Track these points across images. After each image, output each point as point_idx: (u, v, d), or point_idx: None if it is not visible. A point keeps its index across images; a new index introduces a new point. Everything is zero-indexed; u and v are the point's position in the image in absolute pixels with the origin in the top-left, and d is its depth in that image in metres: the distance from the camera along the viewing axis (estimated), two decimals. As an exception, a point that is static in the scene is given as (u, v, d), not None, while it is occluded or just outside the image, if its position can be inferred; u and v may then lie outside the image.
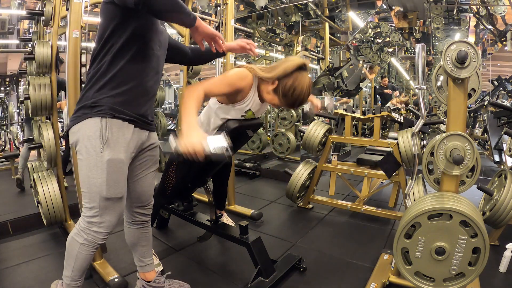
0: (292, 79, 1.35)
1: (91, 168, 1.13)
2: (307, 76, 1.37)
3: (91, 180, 1.13)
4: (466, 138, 1.28)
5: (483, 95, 4.33)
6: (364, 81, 5.35)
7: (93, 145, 1.11)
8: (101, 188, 1.13)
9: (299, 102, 1.38)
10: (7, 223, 2.30)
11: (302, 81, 1.35)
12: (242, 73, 1.38)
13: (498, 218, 1.81)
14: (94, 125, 1.11)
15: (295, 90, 1.34)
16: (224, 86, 1.33)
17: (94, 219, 1.17)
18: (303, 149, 2.88)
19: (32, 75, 2.21)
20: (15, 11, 5.56)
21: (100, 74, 1.12)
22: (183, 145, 1.02)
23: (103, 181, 1.13)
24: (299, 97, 1.36)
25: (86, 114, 1.12)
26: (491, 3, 3.86)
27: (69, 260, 1.24)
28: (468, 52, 1.22)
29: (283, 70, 1.35)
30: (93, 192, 1.14)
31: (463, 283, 1.24)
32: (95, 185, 1.13)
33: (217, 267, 1.91)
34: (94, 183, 1.13)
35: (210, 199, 1.90)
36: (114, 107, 1.12)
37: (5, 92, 9.28)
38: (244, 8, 5.13)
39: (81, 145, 1.13)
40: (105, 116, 1.11)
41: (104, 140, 1.11)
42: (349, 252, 2.04)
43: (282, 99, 1.38)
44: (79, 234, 1.20)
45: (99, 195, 1.14)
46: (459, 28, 4.25)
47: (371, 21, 4.90)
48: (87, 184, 1.15)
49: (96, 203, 1.15)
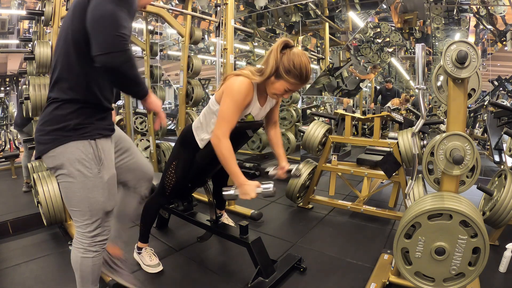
0: (285, 57, 1.35)
1: (90, 189, 1.13)
2: (296, 49, 1.38)
3: (92, 200, 1.14)
4: (466, 138, 1.28)
5: (483, 95, 4.33)
6: (364, 81, 5.35)
7: (88, 167, 1.11)
8: (104, 205, 1.16)
9: (305, 71, 1.36)
10: (7, 223, 2.30)
11: (295, 53, 1.36)
12: (244, 87, 1.38)
13: (498, 218, 1.81)
14: (83, 148, 1.10)
15: (294, 61, 1.34)
16: (237, 114, 1.41)
17: (97, 230, 1.18)
18: (303, 149, 2.88)
19: (32, 75, 2.21)
20: (15, 11, 5.56)
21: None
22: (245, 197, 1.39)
23: (105, 199, 1.16)
24: (302, 66, 1.35)
25: (68, 137, 1.08)
26: (491, 3, 3.86)
27: (86, 279, 1.24)
28: (468, 52, 1.22)
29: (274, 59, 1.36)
30: (95, 210, 1.15)
31: (463, 283, 1.24)
32: (97, 203, 1.15)
33: (217, 267, 1.91)
34: (96, 202, 1.14)
35: (210, 199, 1.90)
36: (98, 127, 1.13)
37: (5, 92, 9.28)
38: (244, 8, 5.12)
39: (71, 169, 1.10)
40: (93, 138, 1.12)
41: (99, 162, 1.13)
42: (349, 252, 2.04)
43: (289, 77, 1.36)
44: (87, 251, 1.19)
45: (102, 210, 1.17)
46: (459, 28, 4.25)
47: (371, 21, 4.90)
48: (86, 204, 1.14)
49: (99, 216, 1.17)
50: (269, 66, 1.37)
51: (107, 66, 0.97)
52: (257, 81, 1.41)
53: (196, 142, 1.60)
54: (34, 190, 2.28)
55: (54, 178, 2.12)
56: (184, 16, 2.92)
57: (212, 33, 6.34)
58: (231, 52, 2.61)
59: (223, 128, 1.37)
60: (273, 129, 1.77)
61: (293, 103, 4.48)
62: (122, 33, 0.97)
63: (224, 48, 2.62)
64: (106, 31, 0.96)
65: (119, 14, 0.97)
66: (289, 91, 1.43)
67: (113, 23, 0.96)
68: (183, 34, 2.91)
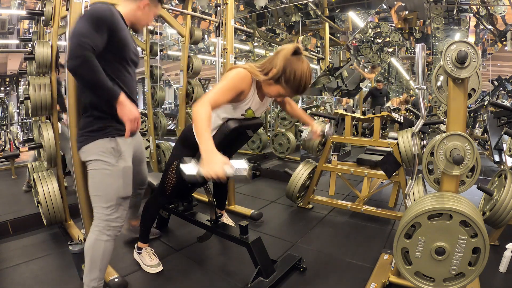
0: (289, 65, 1.34)
1: (107, 176, 1.37)
2: (303, 58, 1.37)
3: (109, 186, 1.37)
4: (466, 138, 1.28)
5: (483, 95, 4.33)
6: (364, 81, 5.35)
7: (107, 159, 1.37)
8: (118, 190, 1.39)
9: (304, 85, 1.37)
10: (7, 223, 2.30)
11: (300, 63, 1.35)
12: (242, 74, 1.38)
13: (498, 218, 1.81)
14: (105, 144, 1.37)
15: (295, 73, 1.33)
16: (228, 93, 1.34)
17: (112, 215, 1.40)
18: (303, 149, 2.88)
19: (32, 75, 2.21)
20: (15, 11, 5.56)
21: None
22: (206, 171, 1.06)
23: (120, 185, 1.39)
24: (302, 79, 1.35)
25: (94, 137, 1.36)
26: (491, 3, 3.86)
27: (95, 263, 1.40)
28: (468, 52, 1.22)
29: (282, 64, 1.34)
30: (110, 194, 1.38)
31: (463, 283, 1.24)
32: (113, 189, 1.38)
33: (217, 267, 1.91)
34: (112, 187, 1.38)
35: (210, 199, 1.90)
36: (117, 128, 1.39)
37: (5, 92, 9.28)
38: (244, 8, 5.13)
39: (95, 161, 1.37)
40: (113, 136, 1.38)
41: (118, 154, 1.39)
42: (349, 252, 2.04)
43: (286, 86, 1.37)
44: (101, 234, 1.39)
45: (116, 195, 1.39)
46: (459, 28, 4.25)
47: (371, 21, 4.90)
48: (103, 189, 1.37)
49: (113, 202, 1.38)
50: (276, 69, 1.35)
51: (69, 70, 1.19)
52: (260, 79, 1.40)
53: (196, 142, 1.59)
54: (34, 190, 2.28)
55: (54, 178, 2.13)
56: (184, 16, 2.92)
57: (212, 33, 6.34)
58: (231, 52, 2.61)
59: (210, 96, 1.27)
60: (289, 106, 1.83)
61: (293, 103, 4.48)
62: (82, 42, 1.15)
63: (224, 48, 2.62)
64: (70, 43, 1.16)
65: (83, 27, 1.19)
66: (282, 96, 1.44)
67: (75, 35, 1.17)
68: (183, 34, 2.91)
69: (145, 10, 1.46)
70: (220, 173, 1.04)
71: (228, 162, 1.08)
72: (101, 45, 1.24)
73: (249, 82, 1.41)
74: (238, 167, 1.08)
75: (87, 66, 1.17)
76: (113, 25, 1.29)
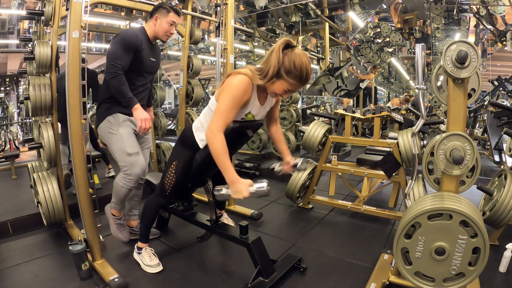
0: (286, 57, 1.35)
1: (116, 140, 1.86)
2: (297, 49, 1.38)
3: (118, 147, 1.86)
4: (466, 138, 1.28)
5: (483, 95, 4.33)
6: (364, 81, 5.35)
7: (113, 129, 1.88)
8: (124, 148, 1.85)
9: (306, 73, 1.36)
10: (7, 223, 2.30)
11: (296, 54, 1.35)
12: (243, 85, 1.38)
13: (498, 218, 1.81)
14: (110, 119, 1.88)
15: (295, 63, 1.34)
16: (233, 111, 1.40)
17: (126, 172, 1.84)
18: (303, 149, 2.88)
19: (32, 75, 2.21)
20: (15, 11, 5.56)
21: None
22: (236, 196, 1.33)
23: (123, 144, 1.85)
24: (302, 67, 1.35)
25: (104, 116, 1.88)
26: (491, 3, 3.85)
27: (115, 194, 1.93)
28: (468, 52, 1.22)
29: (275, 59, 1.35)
30: (120, 152, 1.85)
31: (463, 283, 1.24)
32: (120, 147, 1.85)
33: (217, 267, 1.91)
34: (119, 146, 1.85)
35: (210, 199, 1.90)
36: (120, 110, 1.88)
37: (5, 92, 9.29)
38: (244, 8, 5.12)
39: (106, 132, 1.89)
40: (115, 113, 1.88)
41: (119, 125, 1.88)
42: (349, 252, 2.04)
43: (289, 78, 1.36)
44: (119, 180, 1.88)
45: (124, 152, 1.84)
46: (459, 28, 4.25)
47: (371, 21, 4.90)
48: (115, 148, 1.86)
49: (124, 160, 1.84)
50: (271, 67, 1.36)
51: (104, 79, 1.82)
52: (259, 83, 1.40)
53: (196, 142, 1.60)
54: (34, 190, 2.28)
55: (54, 178, 2.13)
56: (184, 16, 2.92)
57: (212, 33, 6.34)
58: (231, 52, 2.61)
59: (218, 122, 1.36)
60: (274, 126, 1.80)
61: (293, 103, 4.48)
62: (115, 62, 1.73)
63: (224, 48, 2.62)
64: (107, 61, 1.76)
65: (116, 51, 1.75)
66: (288, 91, 1.42)
67: (111, 57, 1.75)
68: (183, 34, 2.91)
69: (157, 23, 1.89)
70: (246, 195, 1.31)
71: (251, 184, 1.33)
72: (128, 63, 1.79)
73: (250, 90, 1.43)
74: (259, 185, 1.33)
75: (116, 79, 1.73)
76: (137, 47, 1.81)
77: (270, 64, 1.37)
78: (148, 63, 1.94)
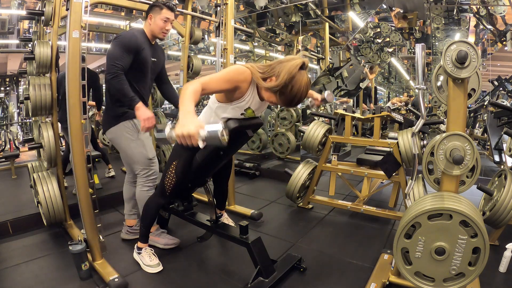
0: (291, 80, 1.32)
1: (135, 146, 1.94)
2: (305, 74, 1.35)
3: (138, 152, 1.94)
4: (466, 138, 1.28)
5: (483, 95, 4.33)
6: (364, 81, 5.35)
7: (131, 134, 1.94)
8: (146, 154, 1.96)
9: (297, 100, 1.36)
10: (7, 223, 2.30)
11: (300, 79, 1.32)
12: (241, 69, 1.37)
13: (498, 218, 1.81)
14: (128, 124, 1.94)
15: (293, 88, 1.31)
16: (222, 82, 1.33)
17: (147, 174, 1.97)
18: (303, 149, 2.88)
19: (32, 75, 2.21)
20: (15, 11, 5.56)
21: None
22: (179, 131, 1.03)
23: (144, 149, 1.95)
24: (297, 95, 1.33)
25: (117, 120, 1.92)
26: (491, 3, 3.85)
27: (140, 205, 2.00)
28: (468, 52, 1.22)
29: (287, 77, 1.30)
30: (142, 158, 1.95)
31: (463, 283, 1.24)
32: (141, 153, 1.95)
33: (217, 267, 1.91)
34: (141, 152, 1.94)
35: (210, 199, 1.90)
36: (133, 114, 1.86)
37: (5, 92, 9.29)
38: (244, 8, 5.12)
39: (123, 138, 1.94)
40: (131, 118, 1.93)
41: (137, 130, 1.95)
42: (349, 252, 2.04)
43: (279, 97, 1.35)
44: (143, 186, 1.98)
45: (145, 157, 1.95)
46: (459, 28, 4.25)
47: (371, 21, 4.90)
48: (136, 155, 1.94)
49: (145, 163, 1.96)
50: (278, 80, 1.32)
51: (105, 79, 1.82)
52: (260, 84, 1.39)
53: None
54: (34, 190, 2.28)
55: (54, 178, 2.13)
56: (184, 16, 2.92)
57: (212, 33, 6.34)
58: (231, 52, 2.61)
59: (204, 79, 1.29)
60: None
61: (293, 103, 4.48)
62: (115, 63, 1.75)
63: (224, 48, 2.62)
64: (107, 62, 1.78)
65: (116, 51, 1.77)
66: (273, 103, 1.43)
67: (111, 58, 1.76)
68: (183, 34, 2.91)
69: (152, 21, 1.91)
70: (193, 133, 1.02)
71: (203, 126, 1.05)
72: (129, 63, 1.82)
73: (247, 79, 1.40)
74: (212, 129, 1.05)
75: (117, 80, 1.75)
76: (137, 48, 1.84)
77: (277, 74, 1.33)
78: (149, 63, 1.96)
